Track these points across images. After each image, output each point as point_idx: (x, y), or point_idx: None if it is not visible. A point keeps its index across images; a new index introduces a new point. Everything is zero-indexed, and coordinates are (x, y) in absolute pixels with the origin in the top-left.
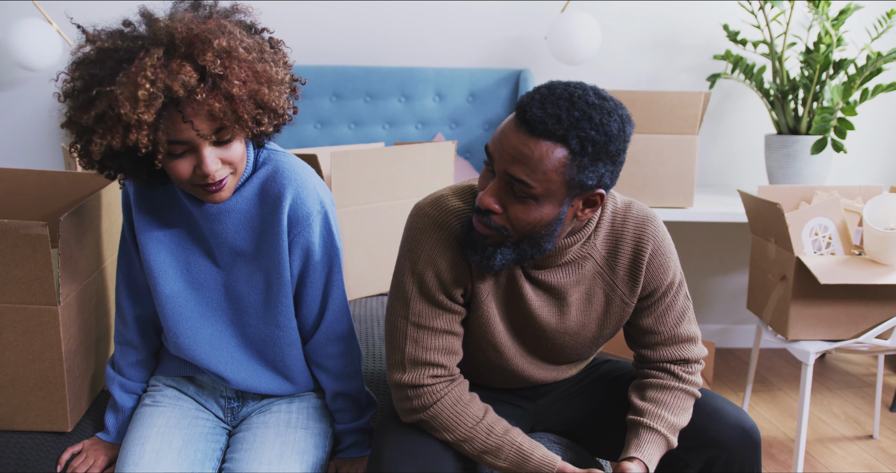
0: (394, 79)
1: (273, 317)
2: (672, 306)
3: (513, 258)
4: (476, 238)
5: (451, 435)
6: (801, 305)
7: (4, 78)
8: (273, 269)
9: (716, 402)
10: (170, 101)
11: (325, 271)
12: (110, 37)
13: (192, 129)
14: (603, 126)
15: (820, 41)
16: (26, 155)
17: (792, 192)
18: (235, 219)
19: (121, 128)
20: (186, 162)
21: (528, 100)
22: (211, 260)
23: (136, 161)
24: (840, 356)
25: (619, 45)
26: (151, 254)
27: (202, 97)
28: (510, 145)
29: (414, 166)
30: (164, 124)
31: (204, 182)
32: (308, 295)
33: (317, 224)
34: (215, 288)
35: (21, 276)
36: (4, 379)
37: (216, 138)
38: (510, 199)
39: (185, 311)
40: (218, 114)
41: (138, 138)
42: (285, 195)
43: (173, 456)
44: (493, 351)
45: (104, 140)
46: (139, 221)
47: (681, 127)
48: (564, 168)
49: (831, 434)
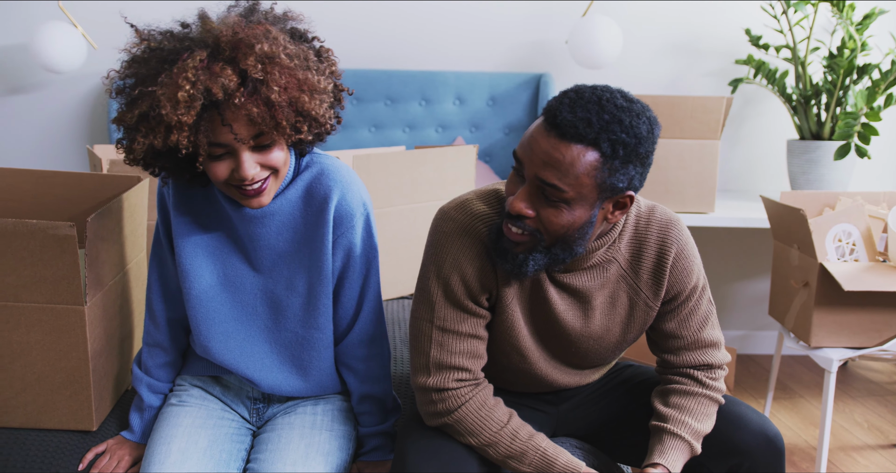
0: (414, 82)
1: (313, 319)
2: (695, 310)
3: (545, 263)
4: (506, 246)
5: (476, 440)
6: (824, 312)
7: (30, 80)
8: (315, 270)
9: (739, 409)
10: (210, 104)
11: (363, 272)
12: (160, 36)
13: (231, 133)
14: (633, 128)
15: (844, 46)
16: (52, 156)
17: (815, 198)
18: (279, 222)
19: (162, 128)
20: (225, 164)
21: (556, 104)
22: (249, 265)
23: (177, 161)
24: (862, 363)
25: (641, 49)
26: (188, 258)
27: (241, 101)
28: (541, 150)
29: (435, 169)
30: (205, 126)
31: (241, 184)
32: (345, 296)
33: (359, 225)
34: (252, 292)
35: (48, 276)
36: (31, 377)
37: (256, 143)
38: (541, 204)
39: (217, 315)
40: (256, 119)
41: (179, 139)
42: (332, 196)
43: (199, 456)
44: (517, 355)
45: (147, 139)
46: (177, 224)
47: (702, 131)
48: (596, 171)
49: (853, 442)
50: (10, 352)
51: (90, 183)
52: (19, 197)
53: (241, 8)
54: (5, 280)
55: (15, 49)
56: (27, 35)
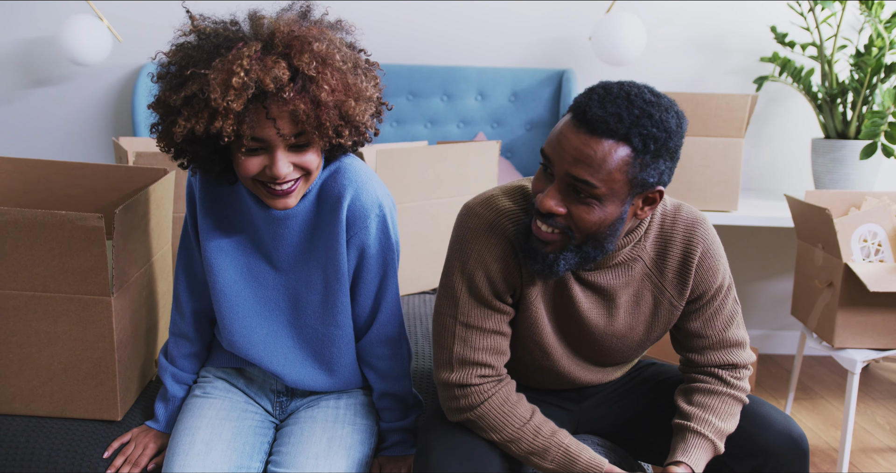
0: (436, 77)
1: (332, 317)
2: (721, 310)
3: (576, 261)
4: (536, 246)
5: (498, 436)
6: (848, 313)
7: (57, 73)
8: (331, 268)
9: (763, 409)
10: (258, 95)
11: (379, 273)
12: (214, 25)
13: (274, 128)
14: (663, 122)
15: (871, 44)
16: (78, 148)
17: (841, 198)
18: (299, 222)
19: (206, 113)
20: (258, 160)
21: (585, 100)
22: (270, 264)
23: (212, 151)
24: (885, 365)
25: (665, 46)
26: (212, 253)
27: (290, 96)
28: (571, 146)
29: (458, 165)
30: (249, 118)
31: (271, 183)
32: (361, 296)
33: (373, 225)
34: (274, 289)
35: (76, 267)
36: (58, 367)
37: (294, 142)
38: (572, 201)
39: (242, 310)
40: (301, 116)
41: (223, 126)
42: (345, 195)
43: (223, 448)
44: (539, 352)
45: (188, 123)
46: (203, 220)
47: (726, 130)
48: (627, 167)
49: (875, 444)
50: (38, 342)
51: (117, 175)
52: (48, 188)
53: (295, 11)
54: (34, 270)
55: (42, 42)
56: (54, 28)
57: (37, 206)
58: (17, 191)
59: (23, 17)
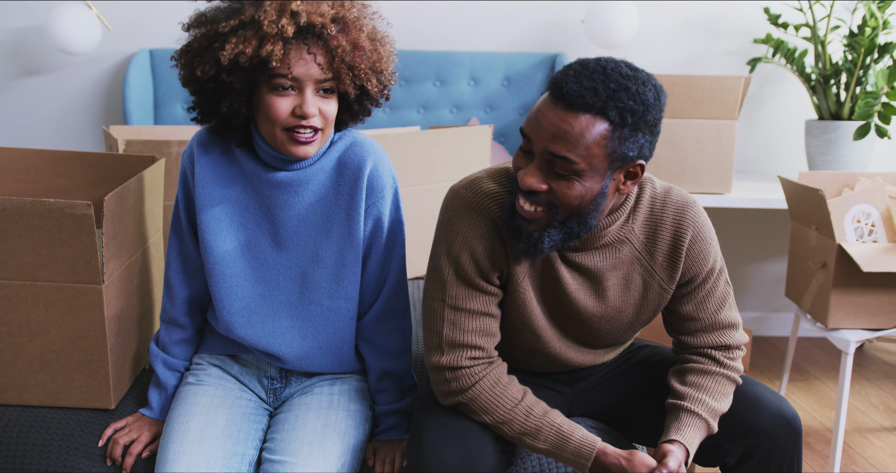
0: (429, 63)
1: (341, 289)
2: (712, 292)
3: (560, 238)
4: (520, 224)
5: (490, 417)
6: (842, 293)
7: (46, 62)
8: (346, 238)
9: (756, 390)
10: (302, 31)
11: (389, 244)
12: None
13: (314, 62)
14: (640, 95)
15: (865, 24)
16: (68, 137)
17: (834, 178)
18: (312, 190)
19: (256, 39)
20: (287, 100)
21: (561, 76)
22: (272, 240)
23: (241, 91)
24: (879, 345)
25: (658, 29)
26: (211, 233)
27: (332, 32)
28: (548, 122)
29: (450, 150)
30: (292, 51)
31: (299, 124)
32: (371, 268)
33: (389, 196)
34: (274, 268)
35: (66, 255)
36: (50, 356)
37: (324, 86)
38: (552, 178)
39: (239, 290)
40: (340, 54)
41: (273, 50)
42: (365, 164)
43: (217, 435)
44: (529, 333)
45: (237, 48)
46: (202, 196)
47: (720, 112)
48: (606, 141)
49: (869, 424)
50: (29, 331)
51: (107, 163)
52: (37, 177)
53: None
54: (24, 259)
55: (31, 31)
56: (43, 17)
57: (26, 195)
58: (6, 180)
59: (11, 6)
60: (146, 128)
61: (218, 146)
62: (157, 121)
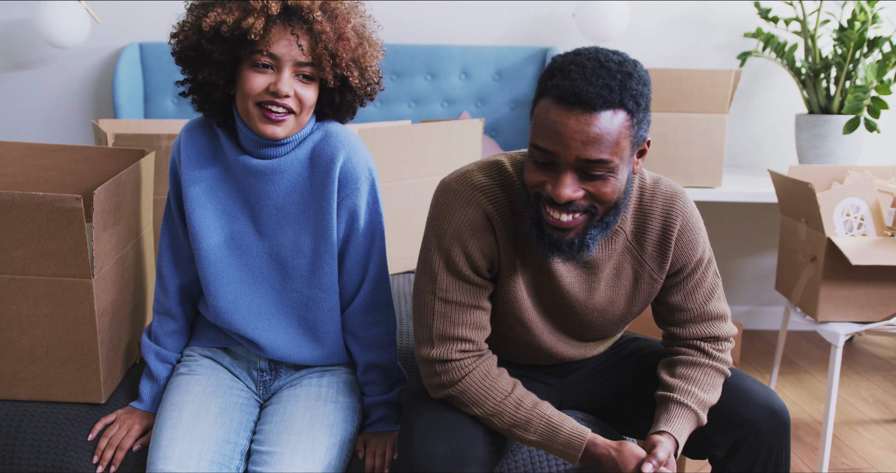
0: (420, 56)
1: (318, 279)
2: (701, 283)
3: (602, 234)
4: (556, 237)
5: (480, 410)
6: (831, 286)
7: (35, 56)
8: (321, 231)
9: (745, 382)
10: (288, 12)
11: (368, 237)
12: None
13: (296, 45)
14: (640, 78)
15: (854, 18)
16: (57, 131)
17: (824, 172)
18: (287, 181)
19: (241, 10)
20: (264, 77)
21: (564, 81)
22: (255, 227)
23: (221, 63)
24: (868, 338)
25: (649, 22)
26: (197, 221)
27: (318, 18)
28: (573, 131)
29: (441, 143)
30: (275, 30)
31: (272, 100)
32: (350, 260)
33: (364, 188)
34: (258, 256)
35: (56, 249)
36: (40, 350)
37: (303, 71)
38: (586, 182)
39: (226, 276)
40: (324, 39)
41: (254, 24)
42: (337, 157)
43: (210, 422)
44: (520, 326)
45: (220, 16)
46: (189, 189)
47: (710, 105)
48: (628, 130)
49: (859, 417)
50: (19, 325)
51: (96, 156)
52: (26, 170)
53: None
54: (12, 253)
55: (19, 24)
56: (30, 10)
57: (15, 189)
58: None
59: None
60: (136, 122)
61: (204, 130)
62: (147, 115)
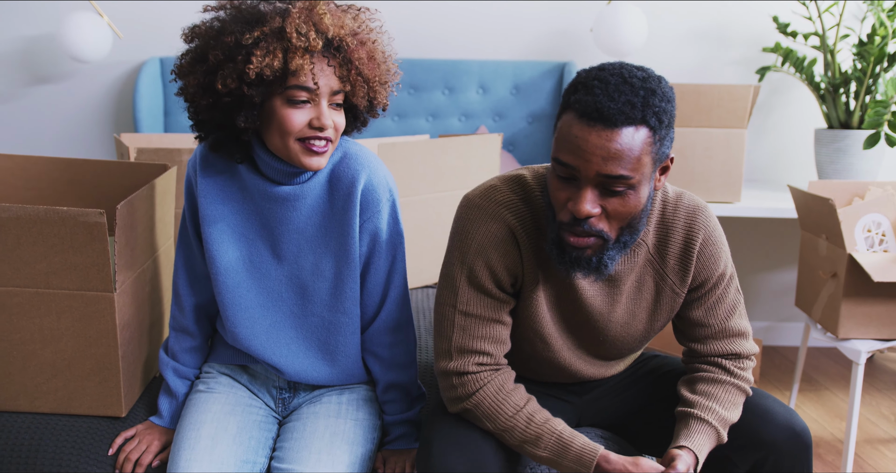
0: (438, 71)
1: (340, 304)
2: (723, 298)
3: (620, 252)
4: (578, 256)
5: (493, 424)
6: (852, 303)
7: (58, 70)
8: (342, 254)
9: (766, 402)
10: (328, 44)
11: (389, 258)
12: None
13: (334, 75)
14: (664, 94)
15: (874, 33)
16: (79, 145)
17: (844, 188)
18: (308, 205)
19: (282, 51)
20: (303, 112)
21: (587, 97)
22: (273, 253)
23: (256, 106)
24: (889, 355)
25: (667, 37)
26: (214, 244)
27: (352, 46)
28: (594, 146)
29: (460, 158)
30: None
31: (315, 135)
32: (371, 282)
33: (385, 210)
34: (277, 279)
35: (78, 263)
36: (62, 363)
37: (336, 100)
38: (606, 197)
39: (243, 301)
40: (357, 65)
41: (302, 64)
42: (358, 179)
43: (228, 442)
44: (540, 341)
45: (264, 60)
46: (205, 209)
47: (729, 120)
48: (650, 147)
49: (880, 435)
50: (41, 338)
51: (119, 171)
52: (50, 184)
53: None
54: (36, 267)
55: (42, 39)
56: (54, 25)
57: (39, 203)
58: (19, 188)
59: (23, 14)
60: (157, 137)
61: (220, 162)
62: (168, 129)
